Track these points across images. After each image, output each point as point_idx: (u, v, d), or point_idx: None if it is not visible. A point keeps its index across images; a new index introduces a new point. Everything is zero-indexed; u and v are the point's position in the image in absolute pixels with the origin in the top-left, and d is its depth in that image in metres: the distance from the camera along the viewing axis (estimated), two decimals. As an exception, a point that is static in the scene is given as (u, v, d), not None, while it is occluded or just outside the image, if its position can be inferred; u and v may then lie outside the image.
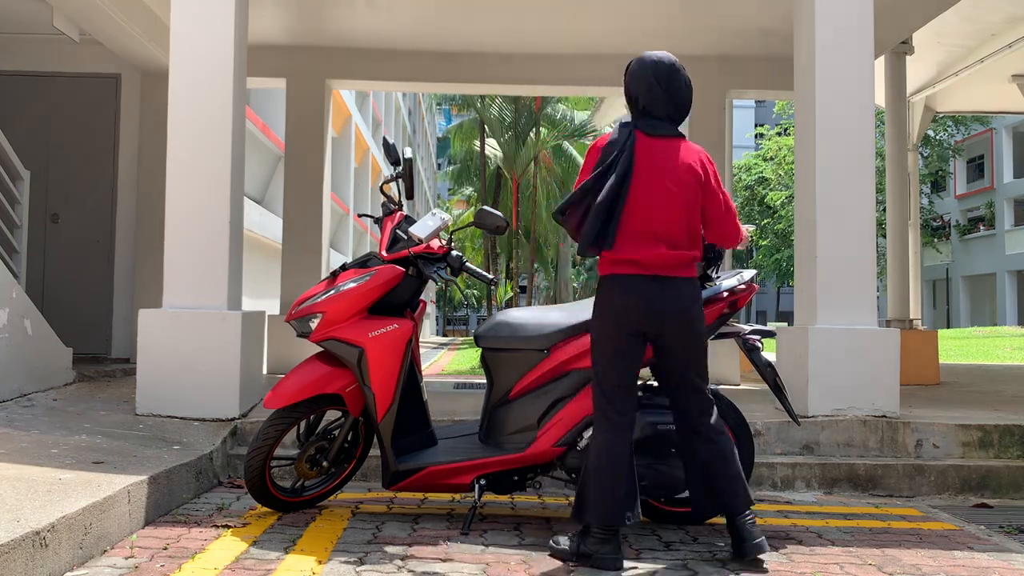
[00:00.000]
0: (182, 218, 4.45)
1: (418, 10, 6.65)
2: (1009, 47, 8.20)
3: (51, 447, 3.49)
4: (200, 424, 4.22)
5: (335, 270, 3.33)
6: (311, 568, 2.62)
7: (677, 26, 6.92)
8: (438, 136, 51.56)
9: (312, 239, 7.54)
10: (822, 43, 4.60)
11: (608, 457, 2.76)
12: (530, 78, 7.82)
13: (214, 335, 4.35)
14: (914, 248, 9.65)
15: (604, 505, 2.73)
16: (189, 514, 3.29)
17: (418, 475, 3.21)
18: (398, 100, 29.95)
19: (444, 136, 39.58)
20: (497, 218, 3.28)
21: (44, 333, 4.98)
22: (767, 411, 4.66)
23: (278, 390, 3.18)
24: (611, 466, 2.75)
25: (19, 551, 2.24)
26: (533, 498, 3.80)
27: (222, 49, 4.53)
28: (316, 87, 7.58)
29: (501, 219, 3.28)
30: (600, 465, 2.76)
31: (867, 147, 4.59)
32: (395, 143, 4.17)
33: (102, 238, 7.55)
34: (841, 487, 4.09)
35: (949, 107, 10.98)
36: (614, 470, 2.75)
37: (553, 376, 3.22)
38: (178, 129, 4.49)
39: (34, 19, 6.75)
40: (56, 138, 7.50)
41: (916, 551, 3.04)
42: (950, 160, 32.47)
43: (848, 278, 4.52)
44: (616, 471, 2.75)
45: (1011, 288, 33.79)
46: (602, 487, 2.74)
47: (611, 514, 2.72)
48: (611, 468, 2.75)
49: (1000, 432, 4.36)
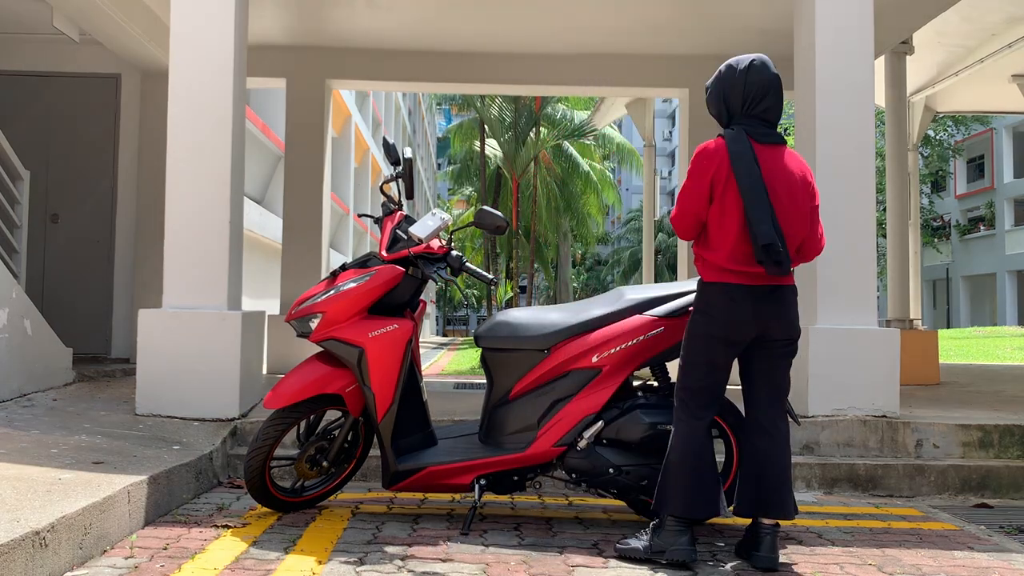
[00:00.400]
0: (182, 218, 4.45)
1: (418, 10, 6.65)
2: (1009, 47, 8.20)
3: (51, 447, 3.49)
4: (200, 424, 4.22)
5: (335, 270, 3.33)
6: (311, 568, 2.62)
7: (677, 26, 6.92)
8: (438, 136, 51.56)
9: (312, 239, 7.54)
10: (822, 43, 4.60)
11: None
12: (530, 78, 7.82)
13: (214, 335, 4.35)
14: (914, 248, 9.65)
15: (686, 496, 2.74)
16: (189, 514, 3.29)
17: (418, 475, 3.21)
18: (398, 100, 29.95)
19: (444, 136, 39.57)
20: (497, 218, 3.28)
21: (44, 333, 4.98)
22: (767, 411, 4.65)
23: (278, 390, 3.18)
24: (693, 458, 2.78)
25: (19, 551, 2.24)
26: (533, 498, 3.79)
27: (222, 49, 4.53)
28: (316, 87, 7.59)
29: (501, 219, 3.28)
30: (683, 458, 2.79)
31: (867, 147, 4.59)
32: (395, 143, 4.17)
33: (102, 238, 7.55)
34: (841, 487, 4.09)
35: (949, 107, 10.98)
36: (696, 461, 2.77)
37: (553, 376, 3.21)
38: (178, 129, 4.49)
39: (34, 19, 6.75)
40: (56, 138, 7.50)
41: (916, 551, 3.04)
42: (950, 160, 32.44)
43: (848, 278, 4.52)
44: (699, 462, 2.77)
45: (1011, 288, 33.79)
46: (687, 478, 2.76)
47: (692, 505, 2.73)
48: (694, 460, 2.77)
49: (1000, 432, 4.36)
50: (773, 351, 2.84)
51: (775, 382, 2.88)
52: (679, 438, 2.81)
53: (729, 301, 2.75)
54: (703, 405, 2.82)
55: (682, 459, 2.78)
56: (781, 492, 2.80)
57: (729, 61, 2.85)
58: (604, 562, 2.79)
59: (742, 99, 2.79)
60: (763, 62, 2.81)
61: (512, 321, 3.30)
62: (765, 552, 2.75)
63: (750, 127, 2.78)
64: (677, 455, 2.79)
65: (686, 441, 2.79)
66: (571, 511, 3.57)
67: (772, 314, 2.78)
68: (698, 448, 2.78)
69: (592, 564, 2.76)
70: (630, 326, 3.16)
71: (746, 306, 2.74)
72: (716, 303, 2.78)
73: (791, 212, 2.75)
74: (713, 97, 2.90)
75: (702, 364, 2.82)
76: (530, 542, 3.02)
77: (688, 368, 2.86)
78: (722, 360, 2.81)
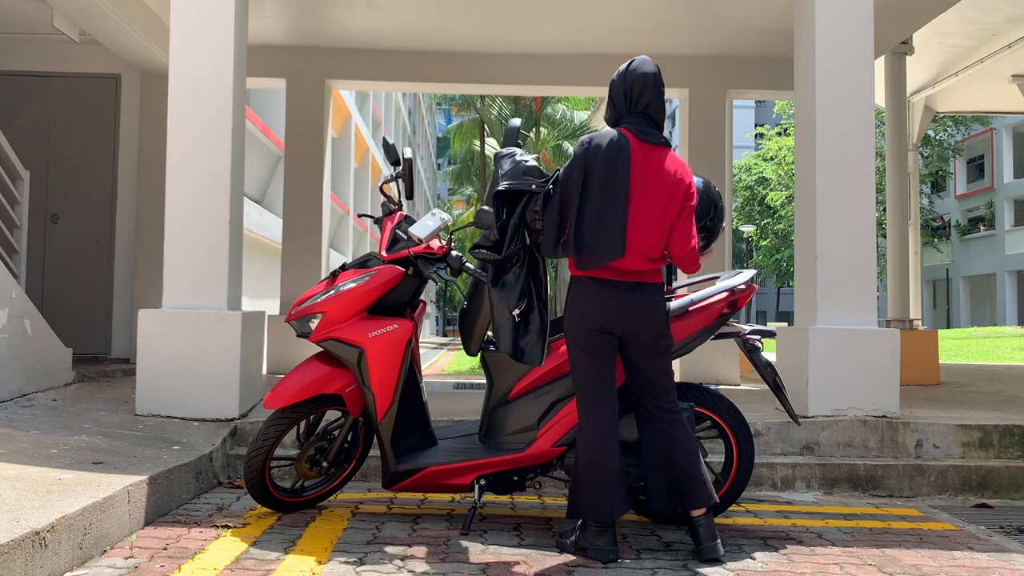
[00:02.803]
0: (182, 218, 4.45)
1: (418, 10, 6.65)
2: (1009, 47, 8.21)
3: (51, 447, 3.49)
4: (200, 424, 4.22)
5: (335, 270, 3.33)
6: (311, 568, 2.62)
7: (677, 26, 6.92)
8: (438, 136, 51.55)
9: (312, 239, 7.54)
10: (822, 43, 4.60)
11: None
12: (530, 78, 7.82)
13: (214, 335, 4.34)
14: (914, 248, 9.65)
15: (596, 501, 2.82)
16: (189, 514, 3.29)
17: (418, 475, 3.21)
18: (398, 100, 29.95)
19: (444, 136, 39.55)
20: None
21: (44, 333, 4.98)
22: (767, 411, 4.66)
23: (278, 390, 3.18)
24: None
25: (19, 551, 2.24)
26: (533, 498, 3.80)
27: (222, 49, 4.53)
28: (316, 87, 7.59)
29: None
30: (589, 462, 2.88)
31: (867, 147, 4.59)
32: (395, 143, 4.17)
33: (102, 238, 7.55)
34: (841, 487, 4.09)
35: (949, 107, 10.99)
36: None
37: (553, 376, 3.21)
38: (178, 129, 4.49)
39: (34, 19, 6.75)
40: (56, 138, 7.50)
41: (916, 551, 3.04)
42: (950, 160, 32.47)
43: (848, 278, 4.52)
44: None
45: (1011, 288, 33.79)
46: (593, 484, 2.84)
47: (601, 508, 2.81)
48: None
49: (1000, 432, 4.36)
50: (643, 349, 2.93)
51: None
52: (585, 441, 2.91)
53: (592, 294, 2.89)
54: (601, 406, 2.90)
55: (589, 461, 2.86)
56: (693, 479, 2.87)
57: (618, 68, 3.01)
58: (604, 562, 2.79)
59: (625, 97, 2.92)
60: (642, 59, 2.96)
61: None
62: (705, 542, 2.82)
63: (635, 125, 2.88)
64: (584, 457, 2.88)
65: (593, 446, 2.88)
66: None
67: (633, 310, 2.87)
68: (604, 446, 2.87)
69: (592, 564, 2.76)
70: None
71: (608, 298, 2.86)
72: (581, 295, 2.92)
73: (658, 216, 2.85)
74: (607, 103, 3.03)
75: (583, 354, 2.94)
76: (530, 542, 3.02)
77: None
78: (596, 351, 2.91)
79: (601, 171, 2.82)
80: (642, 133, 2.87)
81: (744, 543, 3.08)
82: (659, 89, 2.91)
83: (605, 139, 2.86)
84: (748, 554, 2.94)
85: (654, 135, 2.88)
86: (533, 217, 2.97)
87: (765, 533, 3.25)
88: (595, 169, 2.83)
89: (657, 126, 2.91)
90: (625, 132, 2.87)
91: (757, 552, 2.97)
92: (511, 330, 3.01)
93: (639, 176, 2.83)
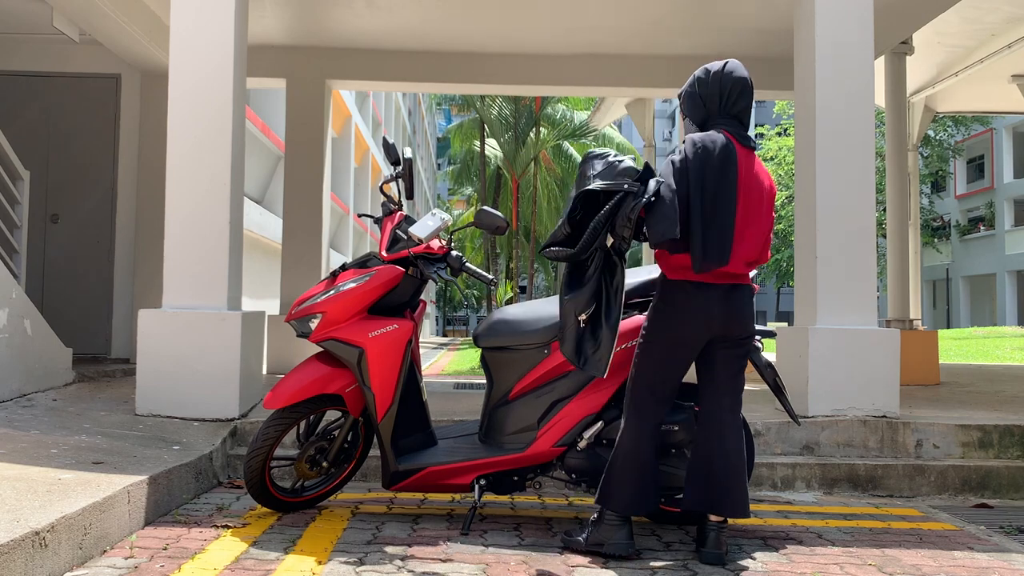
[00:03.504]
0: (182, 218, 4.45)
1: (418, 10, 6.65)
2: (1009, 47, 8.21)
3: (51, 447, 3.49)
4: (200, 424, 4.22)
5: (335, 270, 3.33)
6: (311, 568, 2.62)
7: (677, 26, 6.92)
8: (438, 136, 51.55)
9: (312, 239, 7.54)
10: (822, 43, 4.60)
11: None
12: (530, 78, 7.82)
13: (214, 335, 4.34)
14: (914, 248, 9.65)
15: (628, 494, 2.83)
16: (189, 514, 3.29)
17: (418, 475, 3.21)
18: (398, 100, 29.94)
19: (444, 136, 39.56)
20: (497, 218, 3.28)
21: (44, 333, 4.98)
22: (767, 411, 4.66)
23: (278, 390, 3.18)
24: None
25: (19, 551, 2.24)
26: (533, 498, 3.79)
27: (222, 49, 4.53)
28: (316, 87, 7.59)
29: (501, 219, 3.28)
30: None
31: (867, 147, 4.59)
32: (395, 143, 4.17)
33: (102, 238, 7.55)
34: (841, 487, 4.09)
35: (949, 107, 10.99)
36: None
37: (553, 376, 3.21)
38: (178, 129, 4.49)
39: (34, 19, 6.75)
40: (56, 138, 7.50)
41: (916, 551, 3.04)
42: (950, 160, 32.46)
43: (848, 278, 4.52)
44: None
45: (1011, 288, 33.79)
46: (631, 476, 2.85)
47: (632, 503, 2.83)
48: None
49: (1000, 432, 4.36)
50: (729, 349, 2.92)
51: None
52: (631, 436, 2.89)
53: (690, 298, 2.83)
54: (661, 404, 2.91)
55: (628, 457, 2.87)
56: (733, 490, 2.86)
57: (704, 66, 2.96)
58: (604, 562, 2.79)
59: (719, 98, 2.88)
60: (735, 63, 2.93)
61: (510, 318, 3.30)
62: (710, 548, 2.82)
63: (730, 127, 2.85)
64: (624, 452, 2.88)
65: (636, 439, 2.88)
66: (571, 511, 3.57)
67: (731, 311, 2.86)
68: (647, 447, 2.87)
69: (592, 564, 2.76)
70: (630, 326, 3.15)
71: (708, 303, 2.83)
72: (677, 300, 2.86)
73: (761, 222, 2.84)
74: (688, 98, 2.97)
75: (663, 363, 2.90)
76: (530, 542, 3.02)
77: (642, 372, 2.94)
78: (678, 359, 2.90)
79: (713, 175, 2.75)
80: (741, 137, 2.83)
81: (744, 543, 3.08)
82: (752, 93, 2.91)
83: (715, 142, 2.78)
84: (748, 554, 2.94)
85: (750, 140, 2.86)
86: (624, 223, 2.74)
87: (765, 533, 3.25)
88: (708, 173, 2.75)
89: (747, 129, 2.89)
90: (728, 136, 2.82)
91: (757, 552, 2.97)
92: (575, 335, 2.86)
93: (744, 183, 2.79)
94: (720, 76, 2.89)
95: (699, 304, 2.81)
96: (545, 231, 27.95)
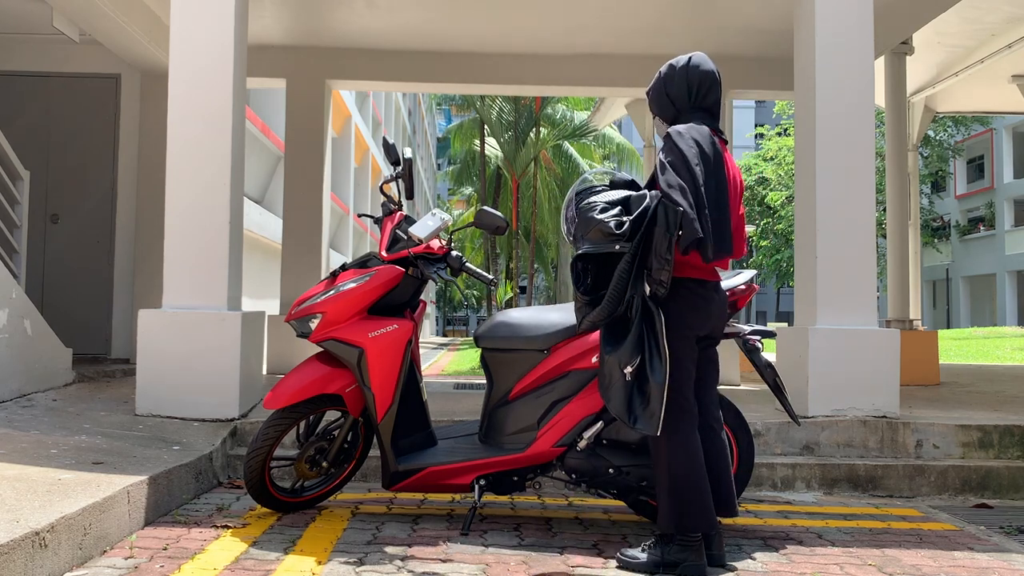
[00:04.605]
0: (182, 218, 4.45)
1: (418, 10, 6.65)
2: (1009, 47, 8.21)
3: (51, 447, 3.49)
4: (200, 424, 4.22)
5: (335, 270, 3.33)
6: (311, 568, 2.62)
7: (677, 26, 6.92)
8: (438, 136, 51.54)
9: (312, 239, 7.54)
10: (822, 43, 4.60)
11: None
12: (530, 78, 7.82)
13: (214, 335, 4.34)
14: (914, 248, 9.65)
15: (707, 512, 2.69)
16: (189, 514, 3.29)
17: (418, 475, 3.21)
18: (398, 100, 29.94)
19: (444, 136, 39.55)
20: (497, 218, 3.28)
21: (44, 333, 4.98)
22: (767, 411, 4.66)
23: (278, 390, 3.18)
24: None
25: (19, 551, 2.24)
26: (533, 498, 3.79)
27: (222, 49, 4.53)
28: (316, 87, 7.59)
29: (501, 219, 3.28)
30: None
31: (867, 147, 4.59)
32: (395, 143, 4.17)
33: (102, 238, 7.55)
34: (841, 487, 4.09)
35: (949, 107, 10.99)
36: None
37: (553, 376, 3.21)
38: (177, 129, 4.49)
39: (34, 19, 6.75)
40: (56, 138, 7.50)
41: (916, 551, 3.04)
42: (950, 160, 32.46)
43: (848, 278, 4.52)
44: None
45: (1011, 288, 33.79)
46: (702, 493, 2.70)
47: (711, 518, 2.70)
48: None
49: (1000, 432, 4.36)
50: (711, 347, 2.98)
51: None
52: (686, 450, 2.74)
53: (704, 299, 2.82)
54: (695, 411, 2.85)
55: (690, 475, 2.71)
56: (730, 491, 2.88)
57: (668, 62, 2.91)
58: (604, 562, 2.79)
59: (688, 93, 2.84)
60: (701, 56, 2.88)
61: (512, 321, 3.30)
62: (713, 551, 2.76)
63: (709, 122, 2.82)
64: (683, 472, 2.70)
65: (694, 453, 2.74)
66: (571, 511, 3.57)
67: (722, 309, 2.91)
68: (700, 452, 2.78)
69: (592, 564, 2.76)
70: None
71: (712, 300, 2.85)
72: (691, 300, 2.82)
73: (732, 213, 2.82)
74: (656, 97, 2.92)
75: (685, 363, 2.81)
76: (530, 542, 3.02)
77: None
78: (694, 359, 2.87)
79: (709, 165, 2.70)
80: (718, 130, 2.83)
81: (744, 543, 3.08)
82: (720, 86, 2.89)
83: (701, 132, 2.74)
84: (748, 554, 2.94)
85: (723, 133, 2.86)
86: (661, 266, 2.59)
87: (765, 533, 3.25)
88: (705, 162, 2.69)
89: (718, 122, 2.88)
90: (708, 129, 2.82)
91: (757, 552, 2.97)
92: (623, 389, 2.65)
93: (728, 174, 2.79)
94: (686, 71, 2.85)
95: (705, 300, 2.81)
96: (545, 231, 27.97)
